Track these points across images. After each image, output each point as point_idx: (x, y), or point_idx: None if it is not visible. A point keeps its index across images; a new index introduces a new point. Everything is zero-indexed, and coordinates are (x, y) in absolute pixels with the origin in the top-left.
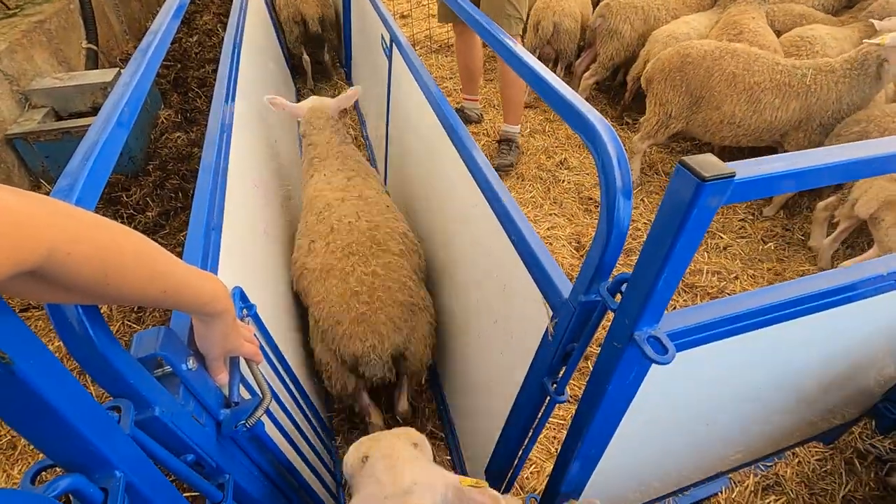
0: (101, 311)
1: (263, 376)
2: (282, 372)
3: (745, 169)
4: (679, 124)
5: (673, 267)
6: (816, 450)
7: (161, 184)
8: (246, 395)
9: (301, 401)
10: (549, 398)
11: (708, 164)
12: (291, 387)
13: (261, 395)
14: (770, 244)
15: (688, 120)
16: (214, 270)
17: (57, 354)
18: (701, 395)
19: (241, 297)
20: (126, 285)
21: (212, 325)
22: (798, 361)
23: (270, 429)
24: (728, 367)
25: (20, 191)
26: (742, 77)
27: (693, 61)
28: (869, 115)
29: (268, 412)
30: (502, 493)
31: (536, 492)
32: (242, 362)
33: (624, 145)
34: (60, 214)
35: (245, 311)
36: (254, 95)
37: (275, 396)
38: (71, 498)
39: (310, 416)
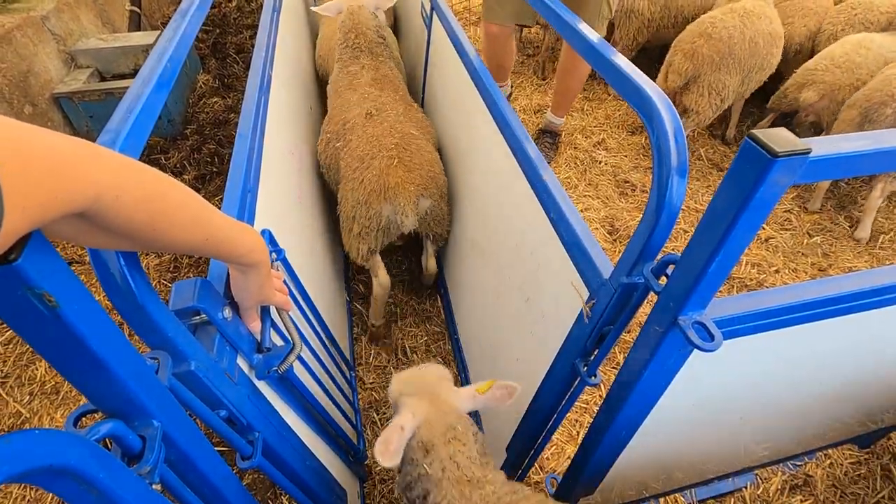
0: None
1: (294, 322)
2: (308, 313)
3: (822, 146)
4: (727, 103)
5: (729, 249)
6: (850, 452)
7: (198, 148)
8: (277, 340)
9: (326, 340)
10: (578, 380)
11: (780, 138)
12: (318, 327)
13: (292, 343)
14: (816, 238)
15: (740, 95)
16: None
17: None
18: (738, 387)
19: (270, 239)
20: (171, 231)
21: (249, 275)
22: (842, 360)
23: (298, 369)
24: (770, 360)
25: (70, 136)
26: (776, 30)
27: (733, 35)
28: (889, 92)
29: (299, 358)
30: (521, 472)
31: (557, 472)
32: (273, 310)
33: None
34: (109, 159)
35: (274, 256)
36: (292, 63)
37: (303, 339)
38: (110, 443)
39: (333, 353)
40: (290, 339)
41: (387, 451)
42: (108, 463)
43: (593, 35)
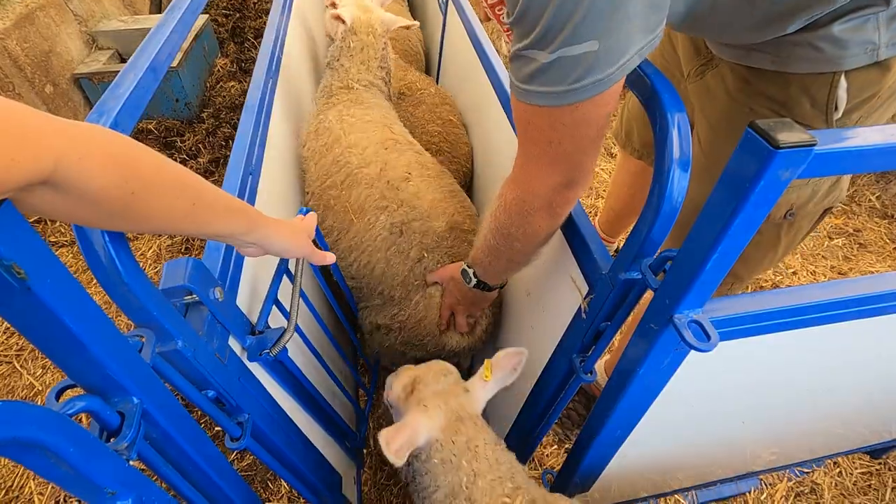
0: (152, 251)
1: (307, 303)
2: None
3: (830, 139)
4: None
5: (726, 246)
6: (861, 462)
7: (213, 131)
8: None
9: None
10: (574, 376)
11: (784, 128)
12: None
13: (291, 324)
14: (837, 241)
15: None
16: None
17: (88, 288)
18: (740, 390)
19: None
20: (151, 196)
21: (269, 248)
22: (852, 366)
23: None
24: (774, 363)
25: (27, 106)
26: None
27: None
28: None
29: (304, 338)
30: None
31: (555, 469)
32: (282, 290)
33: None
34: (68, 124)
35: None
36: (305, 47)
37: (319, 322)
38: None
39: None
40: (291, 317)
41: (390, 452)
42: (79, 437)
43: None
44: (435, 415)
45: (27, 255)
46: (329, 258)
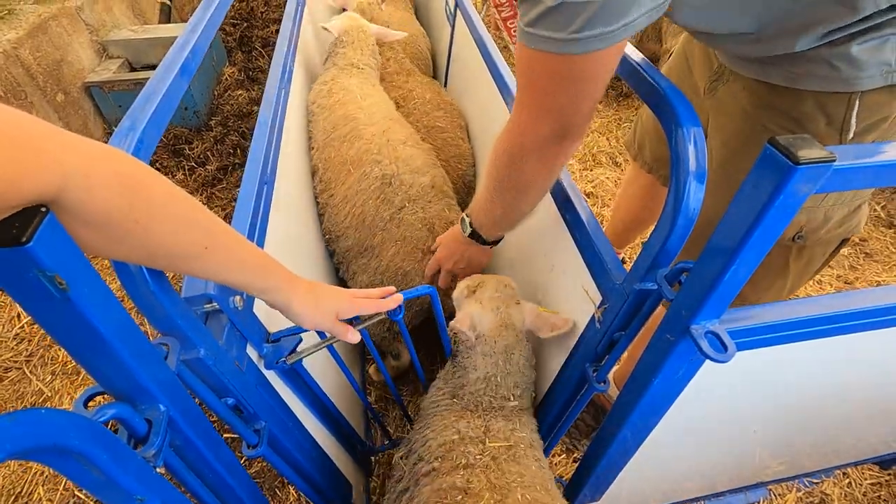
0: None
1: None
2: None
3: (848, 155)
4: None
5: (745, 258)
6: (871, 473)
7: (221, 139)
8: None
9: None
10: (587, 385)
11: (804, 144)
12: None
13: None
14: (843, 250)
15: None
16: (264, 224)
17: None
18: (753, 400)
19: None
20: (158, 228)
21: (288, 312)
22: (864, 377)
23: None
24: (788, 374)
25: (37, 118)
26: None
27: None
28: None
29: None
30: None
31: (564, 478)
32: None
33: None
34: (78, 141)
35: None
36: (316, 56)
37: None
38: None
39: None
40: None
41: (463, 327)
42: (111, 444)
43: None
44: (487, 314)
45: (69, 267)
46: (352, 337)
